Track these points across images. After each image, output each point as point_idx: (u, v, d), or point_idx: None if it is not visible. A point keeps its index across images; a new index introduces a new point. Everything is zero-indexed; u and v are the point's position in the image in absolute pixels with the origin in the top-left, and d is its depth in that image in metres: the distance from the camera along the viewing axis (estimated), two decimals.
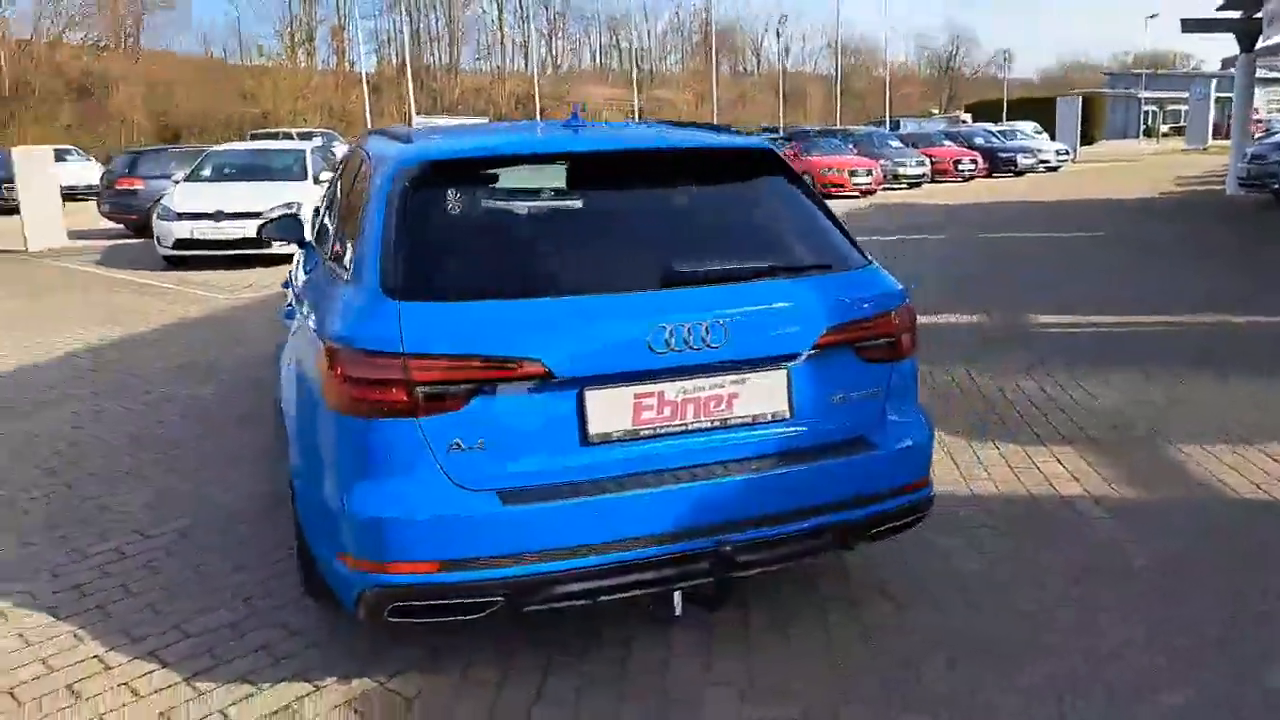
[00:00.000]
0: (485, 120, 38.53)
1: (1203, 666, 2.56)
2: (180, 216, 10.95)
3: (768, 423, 2.48)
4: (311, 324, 2.67)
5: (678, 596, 2.53)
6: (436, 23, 54.06)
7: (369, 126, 30.29)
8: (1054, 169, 27.22)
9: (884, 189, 21.79)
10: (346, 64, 48.02)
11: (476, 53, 46.81)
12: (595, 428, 2.31)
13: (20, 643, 2.80)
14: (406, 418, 2.20)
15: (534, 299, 2.32)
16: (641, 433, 2.35)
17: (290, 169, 12.46)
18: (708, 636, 2.74)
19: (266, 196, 10.98)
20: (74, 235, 14.44)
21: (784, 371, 2.49)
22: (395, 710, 2.45)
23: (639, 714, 2.41)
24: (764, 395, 2.47)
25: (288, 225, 4.03)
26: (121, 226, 14.82)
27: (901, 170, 22.84)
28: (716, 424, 2.42)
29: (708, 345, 2.35)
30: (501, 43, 58.23)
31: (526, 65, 59.35)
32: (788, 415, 2.50)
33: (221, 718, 2.42)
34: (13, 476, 4.27)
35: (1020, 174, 25.84)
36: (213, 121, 40.29)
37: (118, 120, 38.33)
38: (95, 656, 2.71)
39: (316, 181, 12.45)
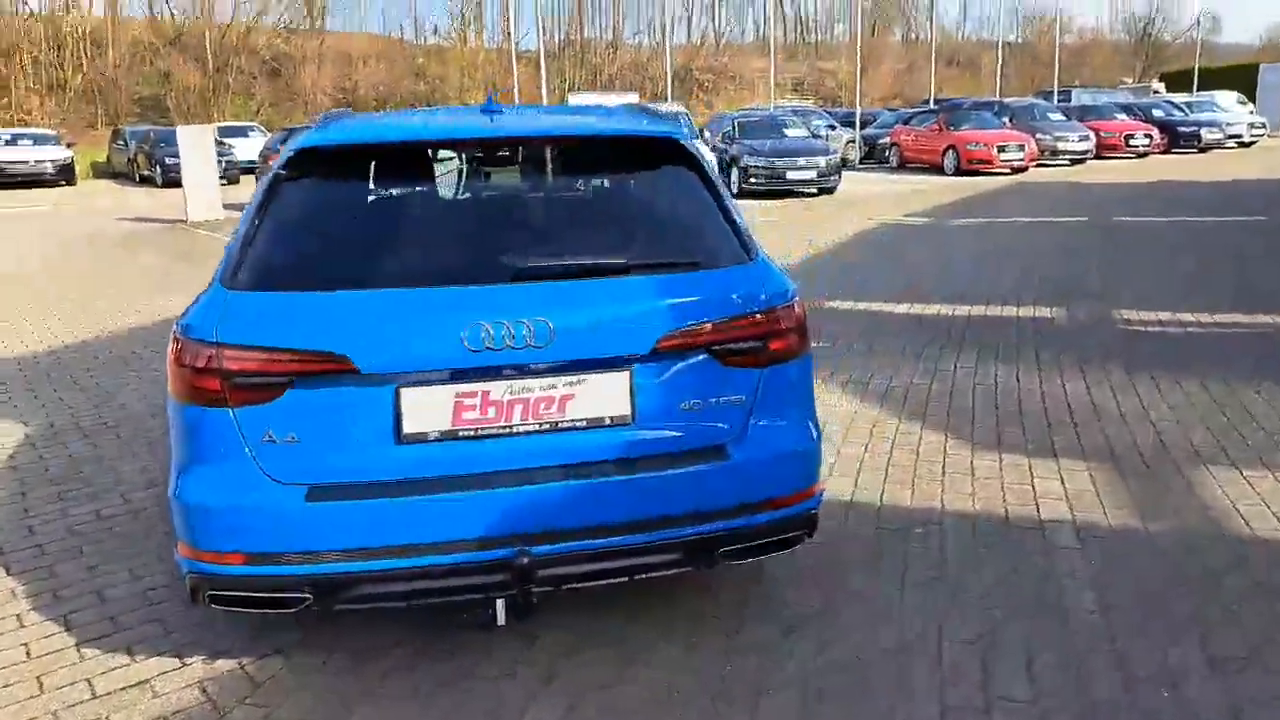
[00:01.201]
0: (635, 97, 38.14)
1: None
2: None
3: (606, 427, 2.36)
4: None
5: (500, 604, 2.47)
6: None
7: (510, 100, 30.98)
8: (1246, 144, 24.38)
9: (1039, 165, 20.27)
10: (511, 42, 49.30)
11: (637, 27, 46.99)
12: (410, 427, 2.27)
13: None
14: (221, 407, 2.25)
15: (347, 292, 2.31)
16: (461, 433, 2.29)
17: None
18: (573, 646, 2.65)
19: None
20: (237, 207, 15.73)
21: (626, 374, 2.36)
22: (239, 691, 2.53)
23: (474, 715, 2.38)
24: (603, 398, 2.35)
25: None
26: None
27: (1061, 145, 21.16)
28: (547, 427, 2.32)
29: (531, 345, 2.26)
30: (664, 14, 58.03)
31: (689, 38, 59.00)
32: (630, 420, 2.37)
33: (86, 685, 2.58)
34: (55, 434, 4.71)
35: (1204, 150, 23.34)
36: (389, 98, 42.61)
37: (304, 98, 41.23)
38: (16, 615, 2.96)
39: None
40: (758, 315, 2.46)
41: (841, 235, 11.71)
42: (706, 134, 16.98)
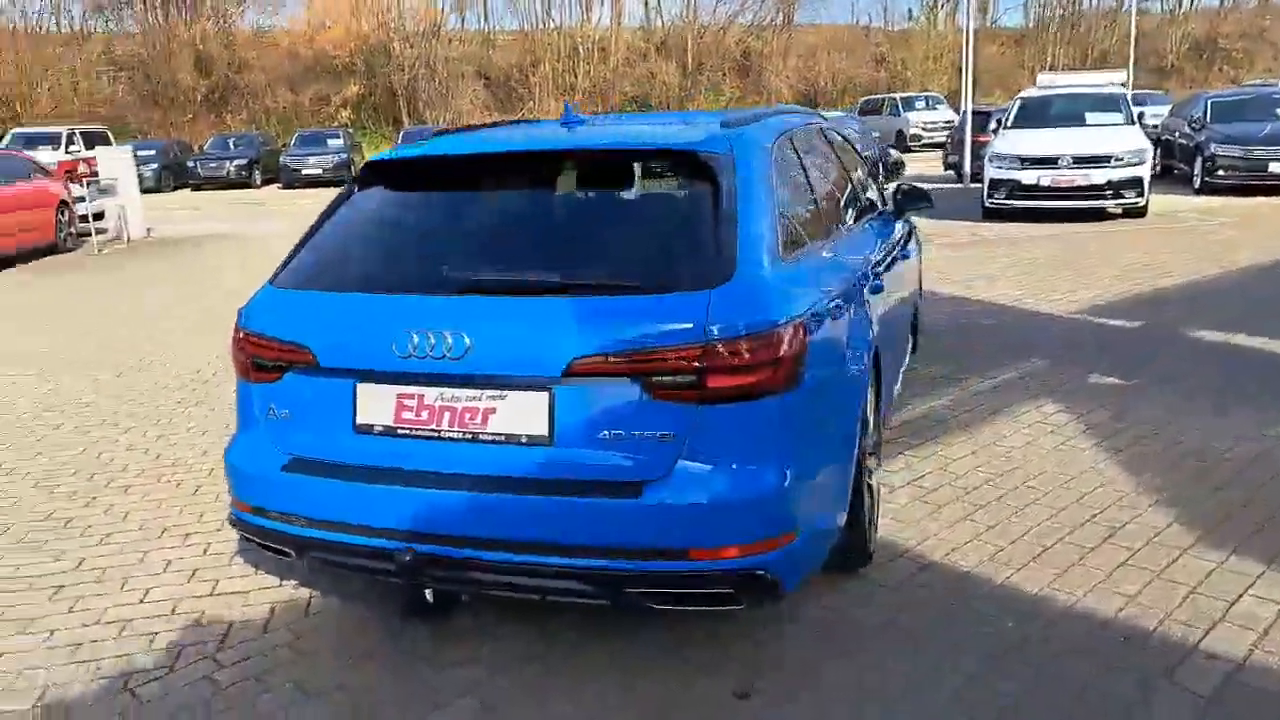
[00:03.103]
0: (1123, 76, 33.48)
1: None
2: None
3: (523, 445, 2.38)
4: None
5: (429, 593, 2.61)
6: None
7: (965, 87, 29.37)
8: None
9: None
10: (989, 21, 46.40)
11: None
12: (361, 418, 2.52)
13: None
14: (248, 382, 2.72)
15: (321, 292, 2.62)
16: (399, 431, 2.48)
17: None
18: (522, 656, 2.73)
19: None
20: None
21: (547, 394, 2.35)
22: (291, 616, 3.02)
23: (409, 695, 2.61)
24: (522, 416, 2.38)
25: None
26: None
27: None
28: (468, 436, 2.42)
29: (448, 357, 2.37)
30: None
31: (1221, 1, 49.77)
32: (548, 441, 2.36)
33: (212, 584, 3.29)
34: None
35: None
36: (850, 88, 43.00)
37: (768, 91, 43.41)
38: (220, 520, 3.83)
39: None
40: (696, 347, 2.26)
41: None
42: (1155, 119, 14.35)
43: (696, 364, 2.27)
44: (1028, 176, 12.01)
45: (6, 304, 9.75)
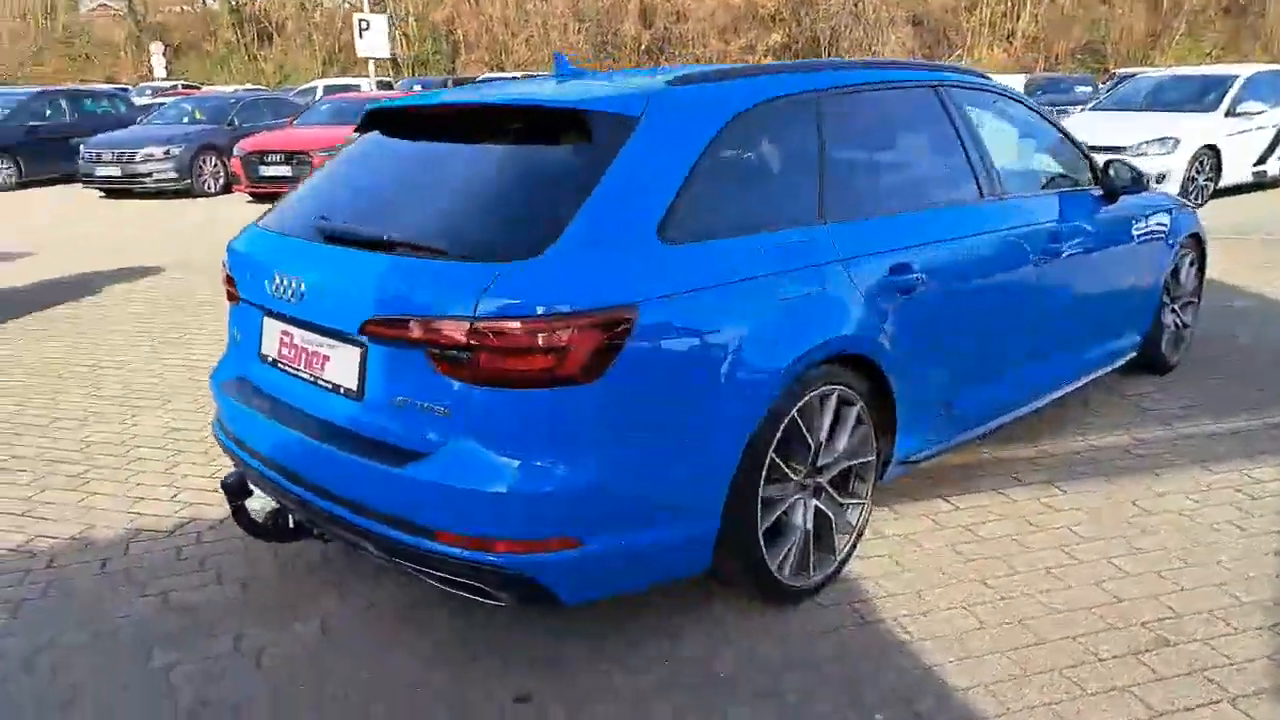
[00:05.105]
0: None
1: None
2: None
3: (341, 395, 2.43)
4: None
5: (291, 517, 2.76)
6: None
7: None
8: None
9: None
10: None
11: None
12: (263, 348, 2.73)
13: None
14: (230, 305, 3.08)
15: (260, 230, 2.83)
16: (280, 365, 2.64)
17: (1200, 98, 10.80)
18: (384, 601, 2.81)
19: (1145, 128, 10.36)
20: None
21: (359, 350, 2.36)
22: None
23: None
24: (344, 367, 2.41)
25: None
26: None
27: None
28: (311, 379, 2.52)
29: (293, 300, 2.48)
30: None
31: None
32: (358, 396, 2.39)
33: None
34: None
35: None
36: None
37: (1264, 39, 35.47)
38: None
39: (1231, 114, 10.63)
40: (464, 321, 2.10)
41: None
42: None
43: (465, 340, 2.12)
44: None
45: None
